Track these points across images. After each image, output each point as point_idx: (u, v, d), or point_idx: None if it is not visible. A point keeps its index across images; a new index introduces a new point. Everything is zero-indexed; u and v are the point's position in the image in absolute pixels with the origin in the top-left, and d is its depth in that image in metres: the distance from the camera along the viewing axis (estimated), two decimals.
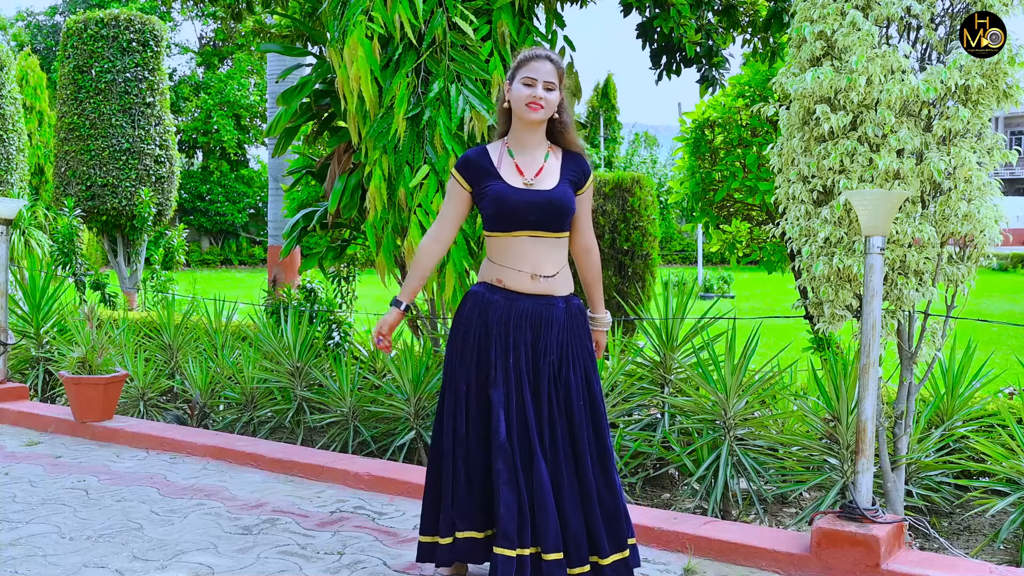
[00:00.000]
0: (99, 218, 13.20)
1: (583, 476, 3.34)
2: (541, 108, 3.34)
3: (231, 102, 34.41)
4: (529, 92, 3.32)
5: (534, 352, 3.36)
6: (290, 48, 6.08)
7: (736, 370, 4.63)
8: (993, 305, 16.87)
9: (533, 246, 3.37)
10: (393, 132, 4.56)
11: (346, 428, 5.70)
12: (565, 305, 3.42)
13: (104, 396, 6.15)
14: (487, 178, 3.40)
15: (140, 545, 4.09)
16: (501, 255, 3.41)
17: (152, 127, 13.34)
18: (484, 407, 3.37)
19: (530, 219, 3.34)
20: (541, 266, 3.38)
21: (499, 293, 3.40)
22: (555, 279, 3.40)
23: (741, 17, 6.83)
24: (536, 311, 3.37)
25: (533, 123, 3.38)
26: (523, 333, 3.36)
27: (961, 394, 4.71)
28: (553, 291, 3.40)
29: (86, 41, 13.04)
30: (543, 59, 3.36)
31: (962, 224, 3.90)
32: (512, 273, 3.38)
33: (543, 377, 3.34)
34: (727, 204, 6.59)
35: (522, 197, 3.34)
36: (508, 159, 3.42)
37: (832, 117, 3.89)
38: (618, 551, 3.36)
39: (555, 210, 3.36)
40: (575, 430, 3.35)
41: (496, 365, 3.34)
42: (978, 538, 4.28)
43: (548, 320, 3.37)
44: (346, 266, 7.79)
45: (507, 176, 3.38)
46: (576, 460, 3.35)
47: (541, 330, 3.36)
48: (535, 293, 3.38)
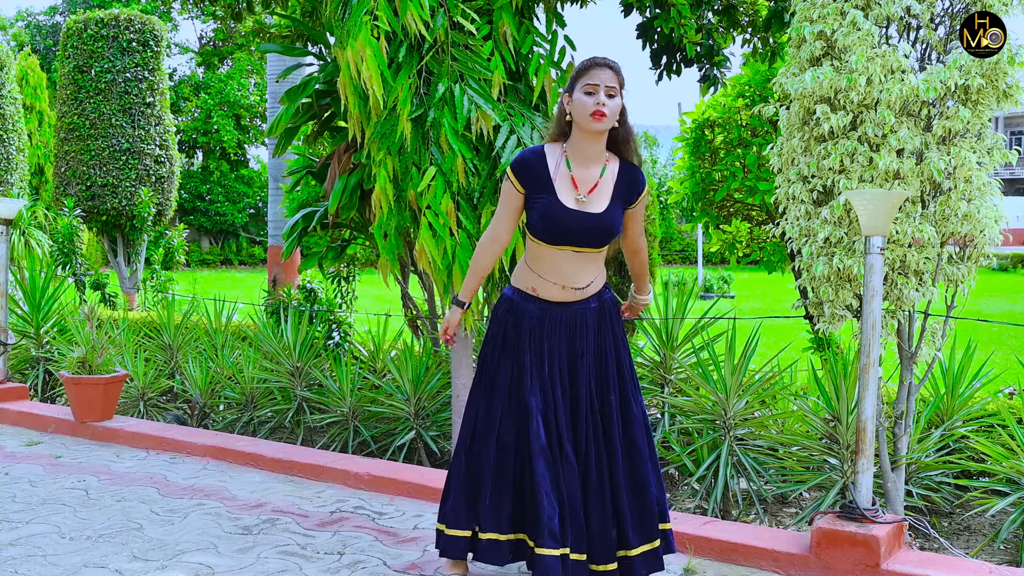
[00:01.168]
0: (99, 218, 13.21)
1: (613, 472, 3.37)
2: (605, 116, 3.24)
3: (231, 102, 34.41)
4: (592, 100, 3.23)
5: (570, 355, 3.39)
6: (290, 48, 6.07)
7: (736, 370, 4.63)
8: (993, 305, 16.87)
9: (572, 260, 3.36)
10: (399, 133, 4.56)
11: (346, 428, 5.70)
12: (598, 303, 3.44)
13: (104, 396, 6.15)
14: (540, 189, 3.33)
15: (140, 545, 4.09)
16: (538, 263, 3.40)
17: (152, 127, 13.35)
18: (521, 413, 3.37)
19: (576, 238, 3.32)
20: (575, 279, 3.37)
21: (532, 302, 3.41)
22: (587, 288, 3.41)
23: (741, 17, 6.82)
24: (570, 317, 3.39)
25: (597, 134, 3.30)
26: (558, 340, 3.39)
27: (961, 394, 4.72)
28: (587, 296, 3.42)
29: (86, 41, 13.04)
30: (603, 66, 3.28)
31: (962, 224, 3.90)
32: (545, 284, 3.39)
33: (580, 379, 3.38)
34: (727, 204, 6.59)
35: (571, 219, 3.29)
36: (565, 170, 3.34)
37: (832, 117, 3.89)
38: (646, 542, 3.39)
39: (601, 233, 3.33)
40: (608, 427, 3.39)
41: (532, 373, 3.36)
42: (978, 538, 4.28)
43: (583, 323, 3.40)
44: (346, 266, 7.79)
45: (560, 190, 3.31)
46: (609, 456, 3.38)
47: (576, 333, 3.39)
48: (568, 300, 3.39)
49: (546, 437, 3.31)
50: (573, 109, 3.29)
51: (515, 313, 3.43)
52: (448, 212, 4.55)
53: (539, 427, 3.31)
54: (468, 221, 4.62)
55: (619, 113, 3.31)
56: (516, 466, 3.40)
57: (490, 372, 3.46)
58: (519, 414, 3.38)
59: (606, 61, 3.31)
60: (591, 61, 3.31)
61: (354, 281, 7.95)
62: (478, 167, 4.67)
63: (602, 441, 3.39)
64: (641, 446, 3.41)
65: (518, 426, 3.39)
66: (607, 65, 3.29)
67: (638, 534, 3.38)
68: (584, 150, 3.33)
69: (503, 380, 3.42)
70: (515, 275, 3.51)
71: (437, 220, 4.54)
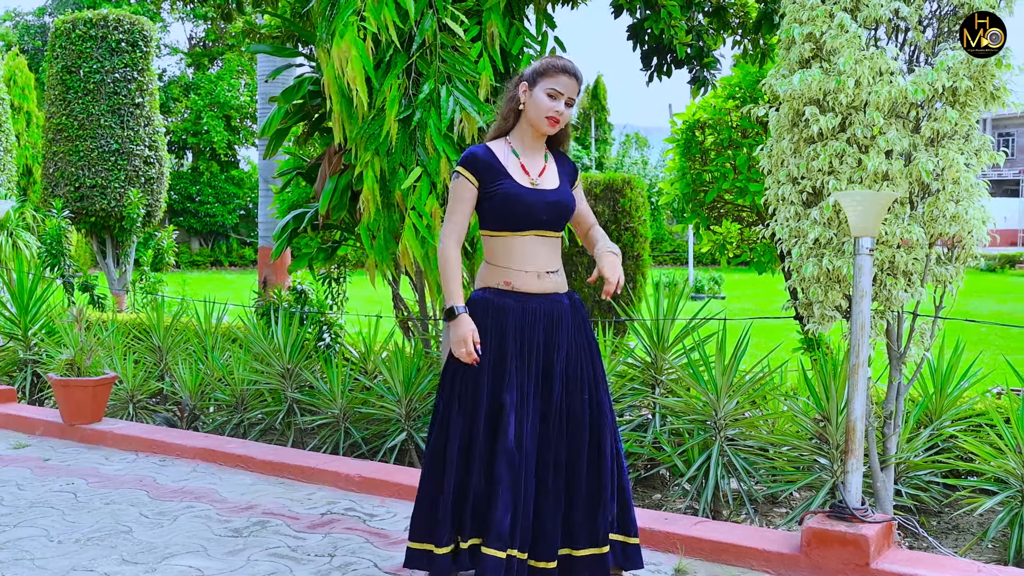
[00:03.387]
0: (88, 219, 13.15)
1: (575, 471, 3.35)
2: (558, 123, 3.37)
3: (221, 103, 34.33)
4: (551, 105, 3.33)
5: (546, 349, 3.38)
6: (280, 48, 6.07)
7: (727, 371, 4.64)
8: (981, 305, 16.94)
9: (537, 246, 3.39)
10: (385, 134, 4.56)
11: (337, 430, 5.69)
12: (570, 301, 3.48)
13: (93, 398, 6.13)
14: (497, 176, 3.37)
15: (129, 548, 4.08)
16: (505, 256, 3.39)
17: (141, 128, 13.30)
18: (496, 412, 3.33)
19: (542, 219, 3.37)
20: (545, 264, 3.42)
21: (510, 296, 3.38)
22: (558, 274, 3.46)
23: (731, 19, 6.84)
24: (548, 310, 3.40)
25: (545, 133, 3.42)
26: (537, 333, 3.37)
27: (950, 394, 4.74)
28: (558, 288, 3.45)
29: (74, 41, 12.99)
30: (571, 75, 3.34)
31: (950, 225, 3.91)
32: (519, 274, 3.38)
33: (555, 375, 3.37)
34: (717, 205, 6.60)
35: (534, 197, 3.35)
36: (514, 158, 3.41)
37: (821, 119, 3.90)
38: (593, 546, 3.33)
39: (561, 209, 3.42)
40: (577, 427, 3.37)
41: (510, 369, 3.33)
42: (966, 537, 4.29)
43: (558, 317, 3.40)
44: (336, 267, 7.78)
45: (515, 175, 3.38)
46: (573, 456, 3.36)
47: (553, 327, 3.39)
48: (543, 292, 3.40)
49: (514, 436, 3.27)
50: (531, 104, 3.36)
51: (493, 310, 3.37)
52: (433, 213, 4.55)
53: (508, 425, 3.27)
54: None
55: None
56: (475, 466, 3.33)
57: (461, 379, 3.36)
58: (493, 415, 3.33)
59: (574, 70, 3.38)
60: (562, 67, 3.35)
61: (345, 282, 7.94)
62: None
63: (564, 439, 3.35)
64: (606, 451, 3.39)
65: (492, 427, 3.32)
66: (575, 76, 3.37)
67: (587, 536, 3.33)
68: (530, 143, 3.45)
69: (485, 383, 3.33)
70: (480, 278, 3.47)
71: (421, 221, 4.54)
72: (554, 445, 3.35)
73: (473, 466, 3.32)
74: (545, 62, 3.38)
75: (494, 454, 3.28)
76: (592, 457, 3.38)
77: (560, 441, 3.36)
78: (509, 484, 3.25)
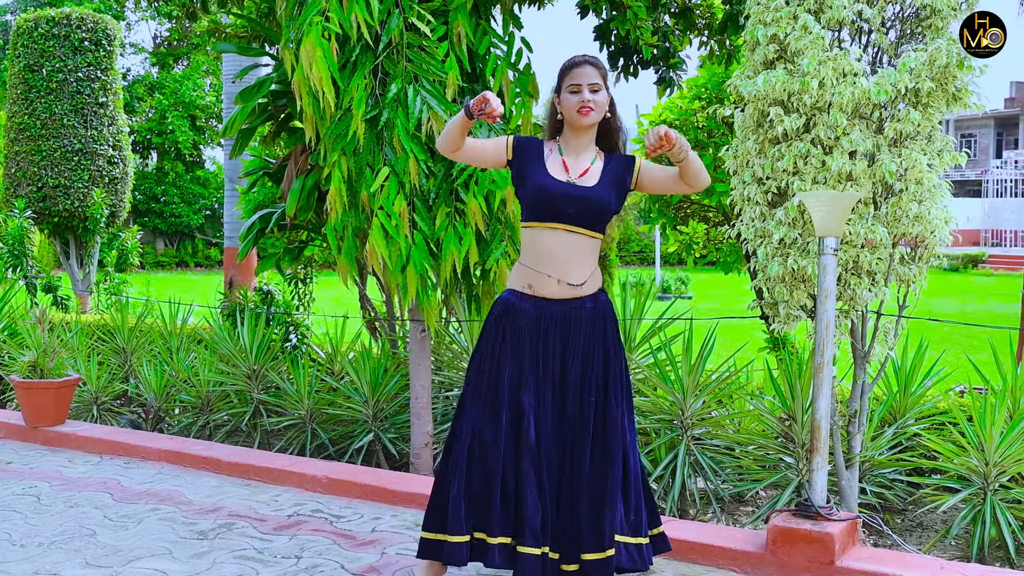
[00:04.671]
0: (51, 220, 12.98)
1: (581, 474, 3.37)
2: (592, 111, 3.37)
3: (186, 102, 34.03)
4: (577, 98, 3.36)
5: (563, 355, 3.40)
6: (246, 48, 6.03)
7: (693, 370, 4.66)
8: (944, 305, 17.14)
9: (566, 244, 3.38)
10: (352, 134, 4.54)
11: (303, 431, 5.66)
12: (593, 304, 3.45)
13: (56, 400, 6.06)
14: (533, 163, 3.43)
15: (93, 551, 4.04)
16: (532, 254, 3.42)
17: (105, 127, 13.15)
18: (517, 413, 3.38)
19: (568, 212, 3.36)
20: (570, 271, 3.38)
21: (528, 300, 3.42)
22: (583, 286, 3.42)
23: (697, 20, 6.87)
24: (565, 315, 3.40)
25: (586, 127, 3.43)
26: (553, 339, 3.40)
27: (913, 392, 4.79)
28: (583, 293, 3.43)
29: (37, 40, 12.82)
30: (583, 64, 3.40)
31: (913, 225, 3.95)
32: (541, 278, 3.39)
33: (569, 379, 3.39)
34: (684, 206, 6.63)
35: (562, 190, 3.37)
36: (557, 156, 3.46)
37: (786, 119, 3.93)
38: (599, 550, 3.35)
39: (594, 207, 3.38)
40: (582, 428, 3.39)
41: (528, 371, 3.38)
42: (930, 534, 4.34)
43: (576, 322, 3.41)
44: (303, 268, 7.73)
45: (552, 169, 3.42)
46: (578, 457, 3.38)
47: (570, 333, 3.41)
48: (563, 298, 3.41)
49: (535, 437, 3.35)
50: (563, 108, 3.42)
51: (512, 313, 3.43)
52: (401, 213, 4.54)
53: (530, 425, 3.35)
54: (424, 222, 4.61)
55: (608, 105, 3.43)
56: (500, 465, 3.38)
57: (490, 369, 3.42)
58: (513, 413, 3.39)
59: (585, 58, 3.43)
60: (571, 61, 3.44)
61: (311, 283, 7.90)
62: (432, 168, 4.67)
63: (574, 442, 3.39)
64: (615, 454, 3.39)
65: (511, 425, 3.39)
66: (587, 62, 3.41)
67: (594, 540, 3.35)
68: (576, 144, 3.46)
69: (505, 382, 3.40)
70: (511, 277, 3.53)
71: (389, 221, 4.53)
72: (569, 450, 3.39)
73: (497, 466, 3.37)
74: (561, 68, 3.47)
75: (520, 453, 3.35)
76: (597, 461, 3.39)
77: (574, 446, 3.39)
78: (535, 482, 3.34)
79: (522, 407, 3.37)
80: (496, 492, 3.37)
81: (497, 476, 3.37)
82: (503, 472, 3.38)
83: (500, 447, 3.38)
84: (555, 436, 3.39)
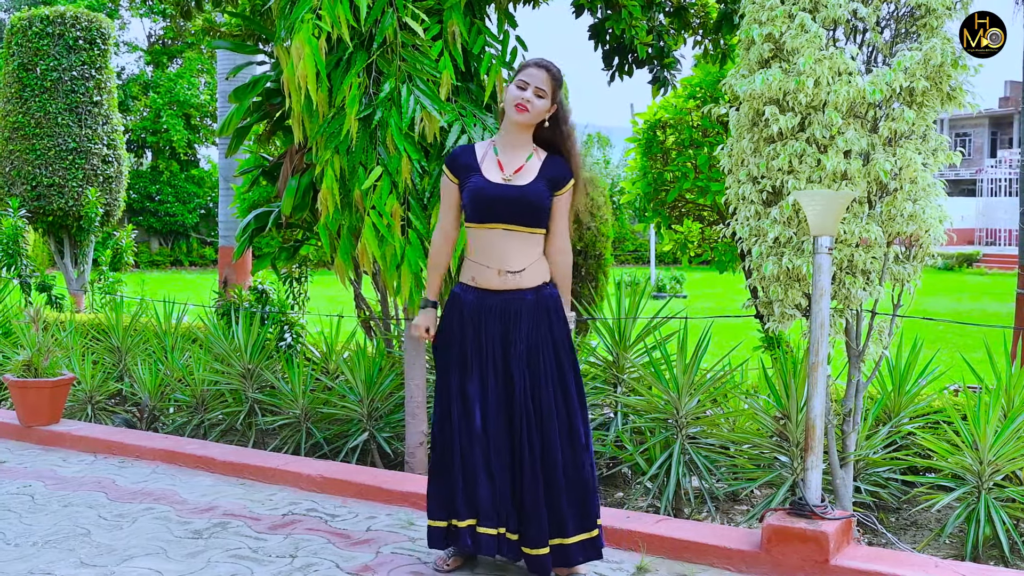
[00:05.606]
0: (45, 219, 12.95)
1: (551, 461, 3.51)
2: (527, 111, 3.50)
3: (181, 101, 33.94)
4: (519, 94, 3.50)
5: (503, 344, 3.54)
6: (241, 46, 6.01)
7: (688, 369, 4.66)
8: (938, 304, 17.16)
9: (504, 240, 3.52)
10: (345, 133, 4.54)
11: (298, 430, 5.66)
12: (534, 296, 3.57)
13: (50, 400, 6.05)
14: (469, 172, 3.58)
15: (88, 551, 4.03)
16: (475, 250, 3.59)
17: (100, 126, 13.12)
18: (464, 402, 3.58)
19: (503, 212, 3.51)
20: (508, 261, 3.52)
21: (472, 292, 3.59)
22: (523, 274, 3.54)
23: (692, 19, 6.87)
24: (504, 306, 3.54)
25: (519, 124, 3.54)
26: (493, 328, 3.55)
27: (908, 391, 4.79)
28: (520, 285, 3.54)
29: (31, 38, 12.78)
30: (540, 67, 3.53)
31: (908, 224, 3.96)
32: (482, 270, 3.56)
33: (513, 367, 3.53)
34: (679, 204, 6.63)
35: (496, 191, 3.51)
36: (492, 156, 3.60)
37: (781, 118, 3.93)
38: (584, 531, 3.55)
39: (527, 205, 3.51)
40: (544, 417, 3.52)
41: (472, 361, 3.56)
42: (924, 533, 4.35)
43: (516, 313, 3.54)
44: (298, 267, 7.72)
45: (487, 171, 3.56)
46: (544, 446, 3.52)
47: (510, 323, 3.54)
48: (504, 289, 3.54)
49: (481, 423, 3.53)
50: (505, 98, 3.57)
51: (458, 305, 3.62)
52: (393, 213, 4.54)
53: (475, 414, 3.56)
54: (419, 222, 4.61)
55: (549, 114, 3.56)
56: (458, 456, 3.61)
57: (442, 364, 3.64)
58: (462, 402, 3.57)
59: (545, 63, 3.57)
60: (533, 61, 3.58)
61: (306, 282, 7.89)
62: (426, 168, 4.67)
63: (536, 430, 3.52)
64: (580, 441, 3.55)
65: (461, 417, 3.58)
66: (544, 67, 3.54)
67: (576, 523, 3.54)
68: (511, 140, 3.60)
69: (456, 374, 3.59)
70: (461, 271, 3.70)
71: (381, 221, 4.52)
72: (526, 437, 3.52)
73: (455, 458, 3.60)
74: (522, 63, 3.62)
75: (471, 442, 3.56)
76: (567, 448, 3.53)
77: (533, 434, 3.52)
78: (484, 468, 3.55)
79: (468, 397, 3.56)
80: (458, 481, 3.59)
81: (457, 467, 3.59)
82: (462, 462, 3.58)
83: (456, 439, 3.59)
84: (504, 423, 3.55)
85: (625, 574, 3.77)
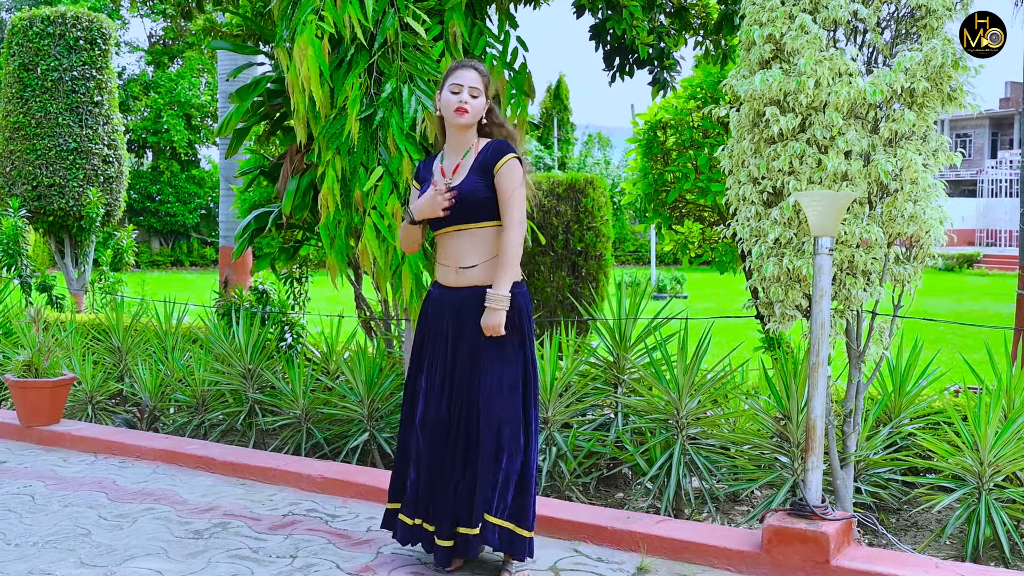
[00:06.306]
0: (46, 219, 12.95)
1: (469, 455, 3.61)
2: (467, 112, 3.59)
3: (181, 101, 33.96)
4: (456, 98, 3.59)
5: (455, 339, 3.63)
6: (241, 46, 6.02)
7: (688, 370, 4.66)
8: (939, 304, 17.16)
9: (457, 239, 3.63)
10: (346, 133, 4.54)
11: (299, 430, 5.66)
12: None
13: (51, 400, 6.05)
14: (424, 184, 3.75)
15: (88, 551, 4.03)
16: (438, 253, 3.75)
17: (100, 126, 13.12)
18: (414, 395, 3.75)
19: (449, 215, 3.61)
20: (461, 259, 3.63)
21: (437, 289, 3.74)
22: (476, 270, 3.61)
23: (693, 19, 6.88)
24: (460, 302, 3.63)
25: (461, 127, 3.64)
26: (447, 324, 3.65)
27: (908, 392, 4.79)
28: (476, 282, 3.61)
29: (32, 39, 12.79)
30: (468, 68, 3.64)
31: (908, 225, 3.96)
32: (443, 269, 3.70)
33: (458, 363, 3.62)
34: (679, 205, 6.63)
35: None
36: (438, 164, 3.74)
37: (781, 119, 3.94)
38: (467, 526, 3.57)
39: (461, 201, 3.59)
40: (472, 410, 3.61)
41: (427, 355, 3.70)
42: (925, 534, 4.35)
43: (471, 309, 3.60)
44: (299, 267, 7.72)
45: (436, 179, 3.69)
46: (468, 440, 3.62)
47: (463, 319, 3.61)
48: (459, 286, 3.64)
49: (420, 418, 3.68)
50: (441, 105, 3.66)
51: (426, 303, 3.80)
52: (394, 213, 4.54)
53: (417, 408, 3.71)
54: None
55: (486, 112, 3.66)
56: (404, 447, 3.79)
57: (414, 358, 3.79)
58: (412, 395, 3.75)
59: (470, 63, 3.67)
60: (458, 63, 3.69)
61: (307, 282, 7.89)
62: None
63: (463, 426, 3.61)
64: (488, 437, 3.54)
65: (410, 406, 3.75)
66: (472, 68, 3.65)
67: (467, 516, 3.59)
68: (453, 144, 3.71)
69: (414, 363, 3.77)
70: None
71: (382, 221, 4.53)
72: (455, 433, 3.63)
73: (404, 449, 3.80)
74: (448, 68, 3.72)
75: (409, 432, 3.75)
76: (475, 441, 3.60)
77: (460, 429, 3.63)
78: (414, 459, 3.70)
79: (416, 390, 3.70)
80: (396, 469, 3.81)
81: (400, 457, 3.80)
82: (403, 452, 3.79)
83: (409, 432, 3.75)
84: (443, 417, 3.64)
85: (625, 574, 3.77)
